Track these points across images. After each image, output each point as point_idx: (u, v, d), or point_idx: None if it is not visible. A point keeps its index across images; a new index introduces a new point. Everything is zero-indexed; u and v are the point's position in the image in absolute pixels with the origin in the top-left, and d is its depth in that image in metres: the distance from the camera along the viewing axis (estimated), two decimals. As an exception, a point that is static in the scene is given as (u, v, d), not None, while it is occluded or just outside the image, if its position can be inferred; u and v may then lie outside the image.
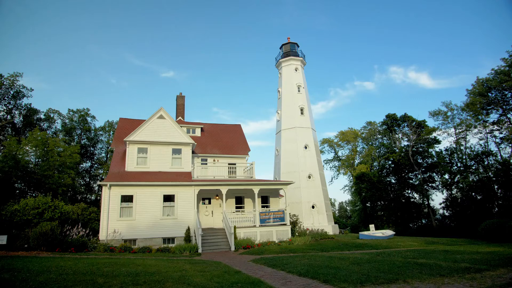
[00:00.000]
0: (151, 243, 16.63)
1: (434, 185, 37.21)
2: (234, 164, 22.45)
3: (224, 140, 25.65)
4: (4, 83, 33.09)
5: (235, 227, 17.31)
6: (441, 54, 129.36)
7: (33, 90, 35.45)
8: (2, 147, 31.06)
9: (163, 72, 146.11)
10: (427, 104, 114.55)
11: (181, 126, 24.54)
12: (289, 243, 17.79)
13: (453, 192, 35.22)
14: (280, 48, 35.76)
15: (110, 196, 16.73)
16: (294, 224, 21.09)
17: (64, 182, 28.31)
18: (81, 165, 41.16)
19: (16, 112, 35.58)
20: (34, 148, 28.70)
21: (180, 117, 27.22)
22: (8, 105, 34.53)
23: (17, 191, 26.41)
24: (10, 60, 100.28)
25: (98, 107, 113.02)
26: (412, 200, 38.86)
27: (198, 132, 25.30)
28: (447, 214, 36.12)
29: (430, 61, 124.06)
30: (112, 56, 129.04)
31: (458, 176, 33.72)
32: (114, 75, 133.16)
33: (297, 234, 20.11)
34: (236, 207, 20.90)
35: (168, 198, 17.92)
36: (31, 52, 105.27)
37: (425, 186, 36.71)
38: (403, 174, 39.30)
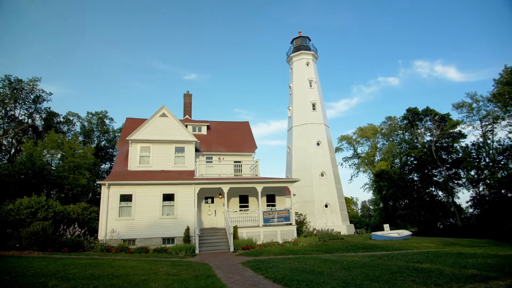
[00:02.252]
0: (150, 243, 16.31)
1: (460, 182, 34.70)
2: (240, 162, 21.82)
3: (230, 138, 25.07)
4: (25, 88, 34.37)
5: (235, 227, 16.68)
6: (469, 45, 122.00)
7: (52, 94, 36.62)
8: (20, 149, 32.27)
9: (184, 74, 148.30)
10: (454, 98, 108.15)
11: (187, 125, 24.29)
12: (293, 244, 16.93)
13: (480, 189, 32.65)
14: (291, 42, 34.74)
15: (109, 196, 16.60)
16: (301, 223, 20.15)
17: (79, 183, 28.88)
18: (102, 166, 42.22)
19: (37, 115, 36.96)
20: (51, 150, 29.58)
21: (187, 116, 26.98)
22: (29, 109, 35.95)
23: (43, 193, 27.08)
24: (31, 65, 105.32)
25: (116, 109, 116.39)
26: (436, 198, 36.48)
27: (204, 130, 24.90)
28: (475, 213, 33.59)
29: (457, 53, 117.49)
30: (129, 58, 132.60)
31: (486, 172, 31.19)
32: (131, 76, 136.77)
33: (303, 234, 19.15)
34: (241, 206, 20.23)
35: (168, 197, 17.56)
36: (48, 56, 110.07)
37: (450, 184, 34.31)
38: (426, 171, 36.97)
